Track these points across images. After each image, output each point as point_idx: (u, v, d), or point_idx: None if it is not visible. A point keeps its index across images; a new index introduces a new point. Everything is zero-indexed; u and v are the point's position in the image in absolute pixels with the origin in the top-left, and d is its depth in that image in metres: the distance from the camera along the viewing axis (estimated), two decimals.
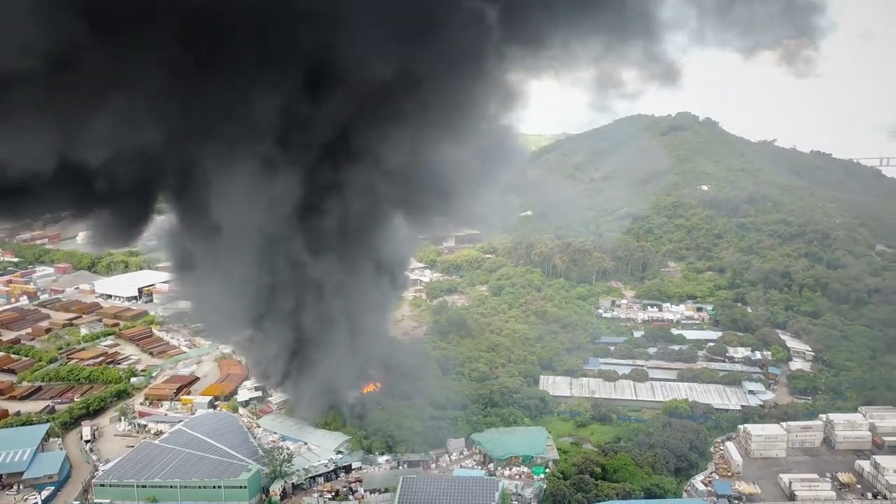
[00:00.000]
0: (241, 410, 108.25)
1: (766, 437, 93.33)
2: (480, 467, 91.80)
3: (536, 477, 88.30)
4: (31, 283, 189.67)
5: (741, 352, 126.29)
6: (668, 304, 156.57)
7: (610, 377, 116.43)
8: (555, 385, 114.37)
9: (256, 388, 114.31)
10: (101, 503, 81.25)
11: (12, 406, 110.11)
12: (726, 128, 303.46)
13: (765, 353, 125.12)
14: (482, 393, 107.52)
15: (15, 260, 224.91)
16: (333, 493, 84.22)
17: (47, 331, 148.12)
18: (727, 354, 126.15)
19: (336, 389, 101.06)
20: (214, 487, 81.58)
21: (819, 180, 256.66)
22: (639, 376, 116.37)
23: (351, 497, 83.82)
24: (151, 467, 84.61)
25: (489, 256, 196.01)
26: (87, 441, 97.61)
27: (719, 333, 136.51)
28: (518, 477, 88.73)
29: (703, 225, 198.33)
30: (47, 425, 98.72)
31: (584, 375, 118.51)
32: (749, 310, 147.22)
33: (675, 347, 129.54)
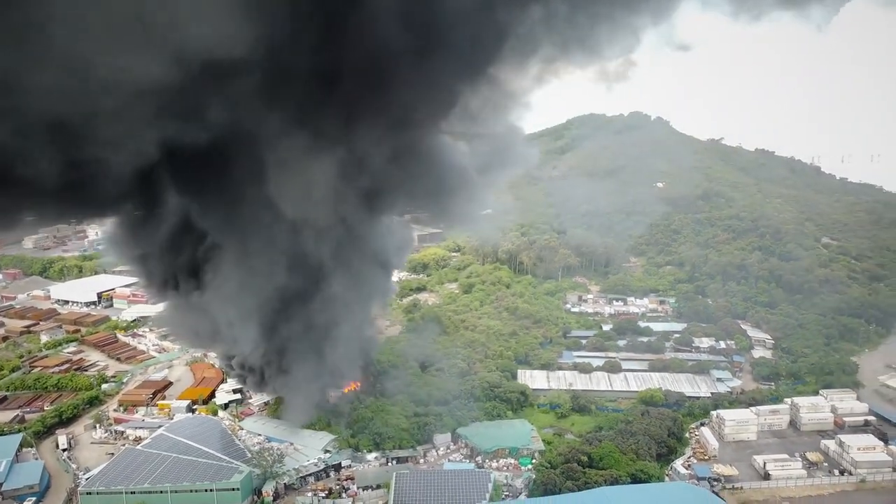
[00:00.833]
0: (221, 413, 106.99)
1: (738, 421, 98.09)
2: (468, 460, 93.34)
3: (524, 468, 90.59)
4: None
5: (706, 342, 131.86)
6: (633, 298, 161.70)
7: (585, 369, 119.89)
8: (532, 378, 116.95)
9: (235, 391, 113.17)
10: None
11: None
12: (676, 127, 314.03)
13: (728, 342, 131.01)
14: (464, 388, 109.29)
15: None
16: (326, 492, 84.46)
17: (4, 339, 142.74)
18: (693, 345, 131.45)
19: (320, 390, 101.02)
20: (206, 491, 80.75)
21: (764, 177, 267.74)
22: (612, 368, 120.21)
23: (344, 495, 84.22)
24: (138, 473, 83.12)
25: (455, 255, 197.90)
26: (65, 450, 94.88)
27: (684, 325, 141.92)
28: (506, 468, 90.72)
29: (660, 221, 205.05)
30: (20, 435, 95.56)
31: (560, 368, 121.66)
32: (710, 301, 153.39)
33: (644, 339, 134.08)
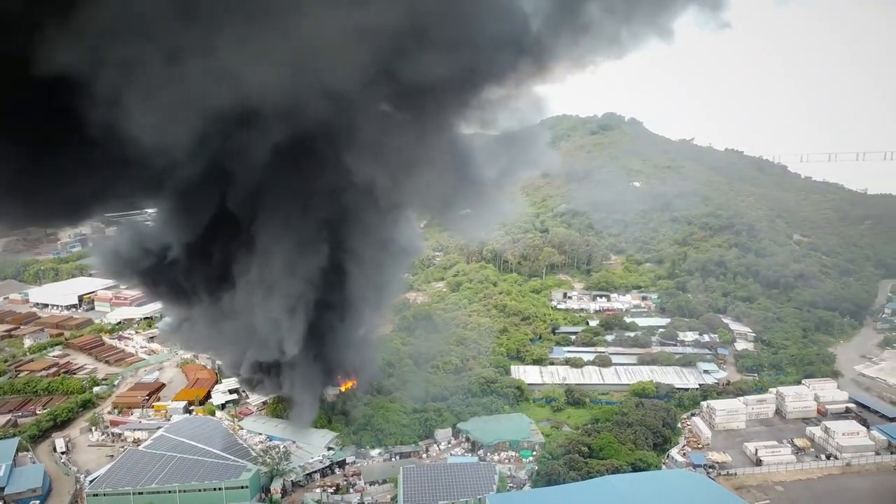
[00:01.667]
0: (219, 414, 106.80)
1: (728, 410, 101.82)
2: (469, 454, 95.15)
3: (525, 460, 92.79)
4: None
5: (690, 336, 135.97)
6: (616, 295, 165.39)
7: (576, 364, 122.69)
8: (526, 374, 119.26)
9: (231, 391, 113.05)
10: None
11: None
12: (648, 127, 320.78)
13: (712, 335, 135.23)
14: (460, 384, 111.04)
15: None
16: (334, 488, 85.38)
17: None
18: (678, 339, 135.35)
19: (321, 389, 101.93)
20: (215, 489, 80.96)
21: (734, 176, 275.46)
22: (603, 362, 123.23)
23: (351, 490, 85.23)
24: (144, 474, 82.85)
25: (438, 254, 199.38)
26: (63, 453, 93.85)
27: (668, 320, 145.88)
28: (507, 461, 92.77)
29: (638, 219, 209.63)
30: (16, 439, 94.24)
31: (552, 364, 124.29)
32: (690, 297, 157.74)
33: (630, 334, 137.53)
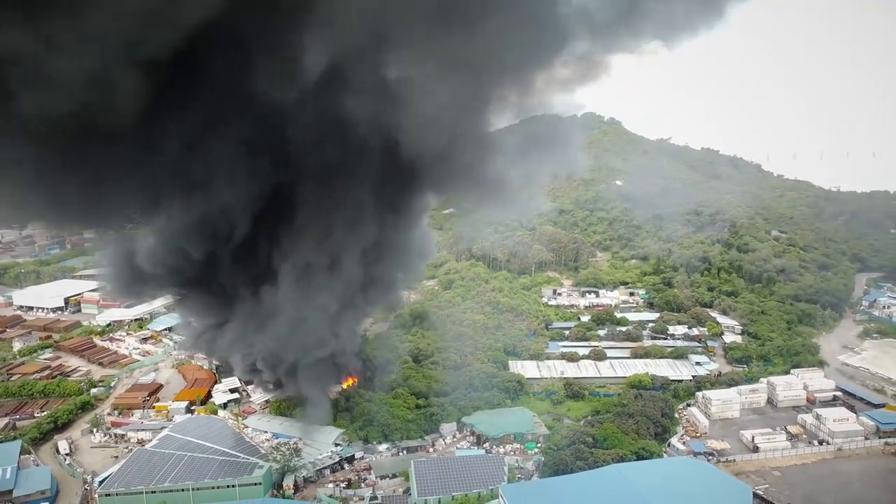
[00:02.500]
0: (221, 413, 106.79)
1: (723, 400, 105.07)
2: (475, 447, 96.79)
3: (530, 452, 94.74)
4: None
5: (680, 329, 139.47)
6: (604, 291, 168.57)
7: (572, 358, 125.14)
8: (524, 369, 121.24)
9: (232, 391, 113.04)
10: None
11: None
12: (627, 127, 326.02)
13: (700, 329, 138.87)
14: (462, 379, 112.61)
15: None
16: (346, 482, 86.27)
17: None
18: (668, 332, 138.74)
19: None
20: (229, 487, 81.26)
21: (711, 174, 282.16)
22: (598, 356, 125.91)
23: (363, 485, 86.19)
24: (155, 473, 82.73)
25: None
26: (67, 455, 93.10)
27: (657, 314, 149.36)
28: (513, 453, 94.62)
29: (622, 217, 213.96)
30: (18, 442, 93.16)
31: (549, 358, 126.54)
32: (677, 292, 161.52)
33: (622, 329, 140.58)
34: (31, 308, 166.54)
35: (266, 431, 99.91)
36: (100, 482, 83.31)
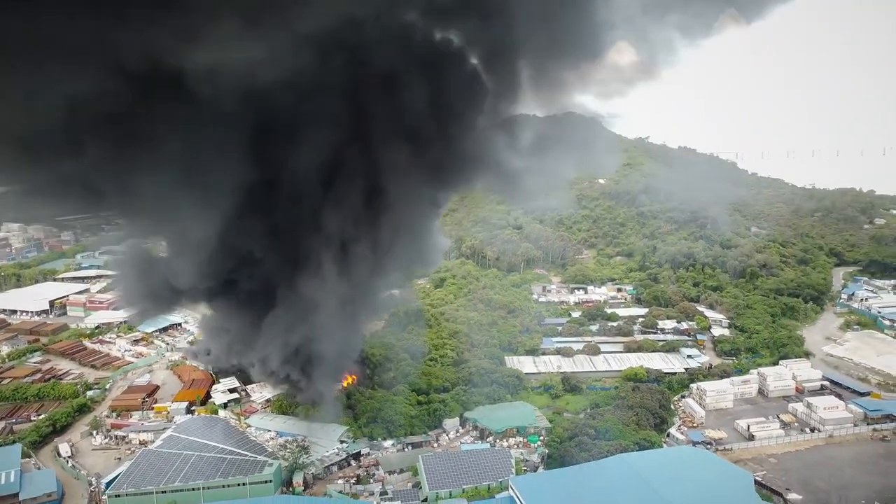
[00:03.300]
0: (222, 413, 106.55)
1: (717, 391, 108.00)
2: (479, 441, 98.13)
3: (533, 445, 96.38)
4: None
5: (669, 324, 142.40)
6: (593, 287, 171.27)
7: (567, 353, 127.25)
8: (520, 364, 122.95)
9: (231, 391, 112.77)
10: None
11: None
12: (606, 126, 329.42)
13: (689, 323, 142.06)
14: (461, 375, 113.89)
15: None
16: (356, 478, 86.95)
17: None
18: (658, 327, 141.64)
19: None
20: (239, 485, 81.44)
21: (689, 172, 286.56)
22: (592, 350, 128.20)
23: (371, 481, 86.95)
24: (164, 473, 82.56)
25: None
26: (68, 457, 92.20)
27: (646, 309, 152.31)
28: (516, 446, 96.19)
29: (606, 215, 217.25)
30: (18, 446, 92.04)
31: (544, 353, 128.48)
32: (664, 287, 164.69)
33: (613, 324, 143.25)
34: (13, 311, 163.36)
35: (269, 430, 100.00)
36: (106, 484, 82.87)
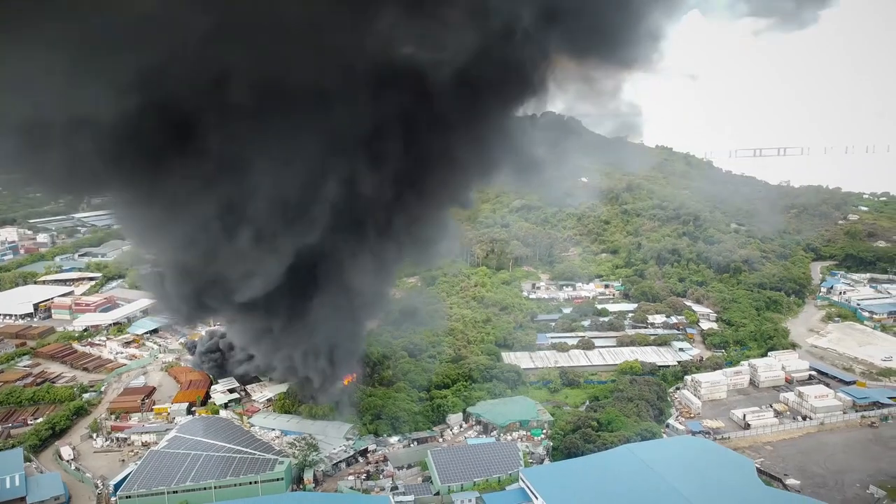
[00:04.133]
0: (223, 413, 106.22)
1: (711, 382, 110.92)
2: (483, 436, 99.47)
3: (536, 438, 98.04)
4: None
5: (659, 318, 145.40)
6: (581, 284, 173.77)
7: (562, 348, 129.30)
8: (517, 360, 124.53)
9: (230, 391, 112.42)
10: None
11: None
12: (586, 125, 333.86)
13: (678, 317, 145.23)
14: (461, 372, 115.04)
15: None
16: (366, 474, 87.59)
17: None
18: (648, 321, 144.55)
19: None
20: (251, 483, 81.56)
21: (668, 171, 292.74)
22: (586, 345, 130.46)
23: (381, 476, 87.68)
24: (173, 473, 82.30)
25: None
26: (71, 460, 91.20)
27: (635, 305, 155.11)
28: (521, 440, 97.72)
29: (590, 213, 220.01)
30: (19, 449, 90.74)
31: (540, 349, 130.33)
32: (651, 283, 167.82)
33: (604, 319, 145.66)
34: None
35: (273, 429, 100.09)
36: (115, 486, 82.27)
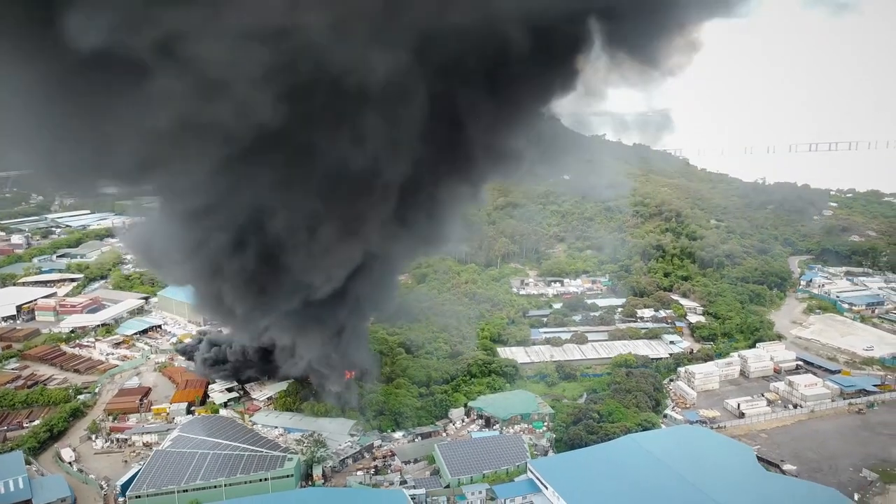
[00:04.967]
0: (223, 412, 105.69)
1: (704, 373, 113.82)
2: (485, 429, 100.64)
3: (538, 430, 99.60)
4: None
5: (647, 312, 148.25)
6: (568, 279, 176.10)
7: (556, 343, 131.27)
8: (513, 354, 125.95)
9: (229, 390, 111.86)
10: None
11: None
12: (565, 123, 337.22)
13: (666, 311, 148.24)
14: (459, 367, 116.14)
15: None
16: (374, 469, 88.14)
17: None
18: (637, 316, 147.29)
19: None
20: (261, 480, 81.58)
21: (646, 168, 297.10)
22: (580, 340, 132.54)
23: (389, 471, 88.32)
24: (182, 472, 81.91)
25: None
26: (72, 462, 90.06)
27: (623, 299, 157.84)
28: (523, 432, 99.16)
29: (574, 210, 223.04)
30: (20, 452, 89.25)
31: (534, 344, 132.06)
32: (637, 278, 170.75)
33: (595, 314, 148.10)
34: None
35: (276, 427, 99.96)
36: (121, 486, 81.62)
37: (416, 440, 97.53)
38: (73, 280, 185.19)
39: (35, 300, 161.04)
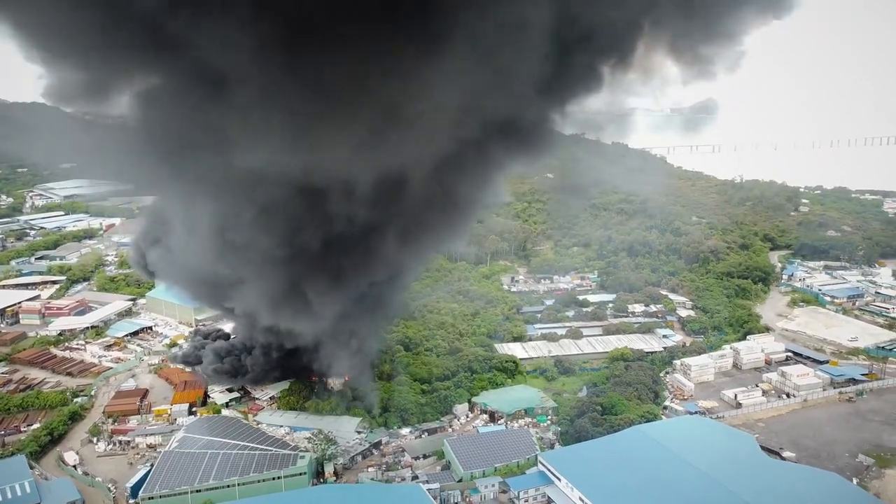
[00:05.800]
0: (225, 412, 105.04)
1: (700, 366, 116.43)
2: (490, 424, 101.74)
3: (542, 424, 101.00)
4: None
5: (638, 307, 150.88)
6: (558, 276, 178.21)
7: (552, 338, 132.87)
8: (510, 350, 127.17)
9: (230, 390, 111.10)
10: None
11: None
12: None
13: (657, 306, 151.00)
14: (460, 364, 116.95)
15: None
16: (385, 466, 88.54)
17: None
18: (629, 311, 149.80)
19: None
20: (274, 479, 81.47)
21: (627, 166, 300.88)
22: (575, 335, 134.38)
23: (399, 467, 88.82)
24: (193, 473, 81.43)
25: None
26: (76, 465, 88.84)
27: (614, 295, 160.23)
28: (527, 426, 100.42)
29: (559, 207, 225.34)
30: (21, 456, 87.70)
31: (531, 339, 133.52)
32: (624, 273, 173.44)
33: (587, 309, 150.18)
34: None
35: (281, 426, 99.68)
36: (131, 488, 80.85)
37: (423, 436, 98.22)
38: (55, 282, 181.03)
39: (19, 303, 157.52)
